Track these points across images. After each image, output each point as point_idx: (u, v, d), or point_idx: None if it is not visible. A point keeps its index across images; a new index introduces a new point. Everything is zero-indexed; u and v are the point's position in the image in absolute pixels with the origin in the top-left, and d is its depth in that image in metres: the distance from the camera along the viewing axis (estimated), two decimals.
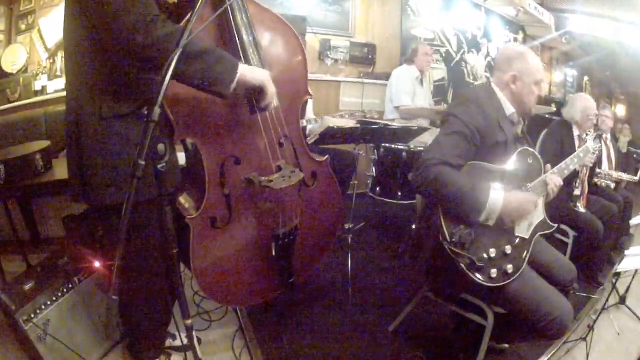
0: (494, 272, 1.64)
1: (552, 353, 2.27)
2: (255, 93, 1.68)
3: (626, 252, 2.41)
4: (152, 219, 1.60)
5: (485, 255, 1.65)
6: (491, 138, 1.75)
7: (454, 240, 1.60)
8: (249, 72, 1.57)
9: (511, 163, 1.78)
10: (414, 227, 3.06)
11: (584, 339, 2.32)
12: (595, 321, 2.36)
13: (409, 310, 2.30)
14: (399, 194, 3.44)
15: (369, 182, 3.65)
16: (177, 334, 2.07)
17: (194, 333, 1.30)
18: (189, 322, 1.28)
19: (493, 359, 2.16)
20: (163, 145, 1.08)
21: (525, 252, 1.76)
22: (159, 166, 1.10)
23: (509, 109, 1.86)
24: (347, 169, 3.04)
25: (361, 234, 3.55)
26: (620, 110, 10.44)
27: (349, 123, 3.04)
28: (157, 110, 1.00)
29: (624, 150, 5.02)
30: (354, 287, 2.69)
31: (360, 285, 2.77)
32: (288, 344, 2.18)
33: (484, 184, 1.65)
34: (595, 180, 3.49)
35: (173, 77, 1.05)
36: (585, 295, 2.96)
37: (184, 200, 1.84)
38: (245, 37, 1.73)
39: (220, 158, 1.80)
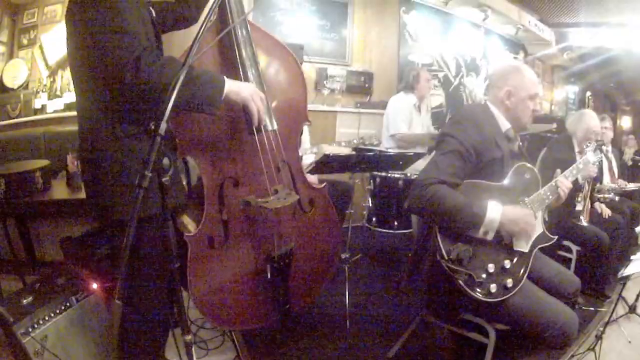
0: (493, 287, 1.65)
1: None
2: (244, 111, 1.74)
3: (632, 257, 2.41)
4: (155, 235, 1.62)
5: (483, 271, 1.66)
6: (487, 155, 1.77)
7: (451, 257, 1.62)
8: (234, 88, 1.62)
9: (508, 179, 1.80)
10: (410, 254, 3.07)
11: (592, 350, 2.29)
12: (603, 331, 2.33)
13: (408, 335, 2.29)
14: (396, 223, 3.46)
15: (364, 212, 3.66)
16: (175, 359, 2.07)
17: (193, 350, 1.31)
18: (188, 337, 1.30)
19: None
20: (168, 159, 1.13)
21: (525, 266, 1.77)
22: (163, 179, 1.13)
23: (505, 125, 1.90)
24: (342, 199, 3.04)
25: (358, 264, 3.56)
26: (626, 121, 10.44)
27: (346, 151, 3.07)
28: (164, 125, 1.05)
29: (630, 163, 5.01)
30: (352, 316, 2.68)
31: (358, 314, 2.77)
32: None
33: (480, 199, 1.68)
34: (599, 196, 3.49)
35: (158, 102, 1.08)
36: (592, 308, 2.94)
37: (185, 219, 1.88)
38: (244, 53, 1.80)
39: (220, 178, 1.86)
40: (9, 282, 2.76)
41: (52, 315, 1.88)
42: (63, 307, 1.93)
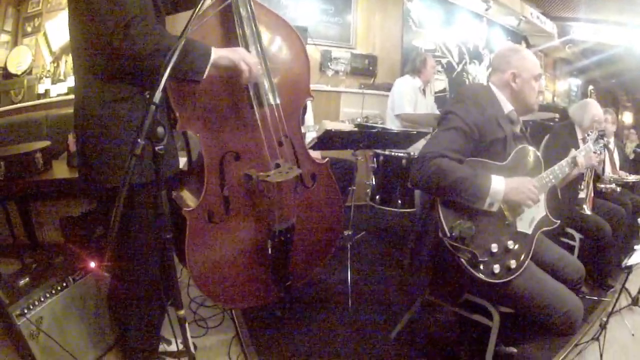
0: (496, 268, 1.59)
1: (563, 356, 2.21)
2: (235, 75, 1.70)
3: (635, 247, 2.35)
4: (148, 203, 1.60)
5: (486, 250, 1.60)
6: (489, 134, 1.72)
7: (453, 234, 1.55)
8: (222, 54, 1.60)
9: (510, 160, 1.75)
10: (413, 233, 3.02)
11: (597, 339, 2.23)
12: (607, 320, 2.27)
13: (411, 316, 2.24)
14: (399, 202, 3.40)
15: (368, 191, 3.61)
16: (172, 339, 2.03)
17: (187, 325, 1.25)
18: (181, 312, 1.24)
19: None
20: (162, 128, 1.10)
21: (528, 248, 1.72)
22: (157, 148, 1.10)
23: (507, 107, 1.85)
24: (345, 176, 3.00)
25: (361, 243, 3.51)
26: (628, 117, 10.38)
27: (348, 127, 3.01)
28: (158, 94, 1.05)
29: (631, 157, 4.97)
30: (354, 294, 2.63)
31: (360, 293, 2.72)
32: (285, 351, 2.12)
33: (484, 171, 1.62)
34: (600, 186, 3.43)
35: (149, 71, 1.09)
36: (595, 298, 2.89)
37: (183, 193, 1.82)
38: (247, 30, 1.77)
39: (220, 152, 1.81)
40: (9, 266, 2.73)
41: (48, 295, 1.83)
42: (59, 288, 1.88)
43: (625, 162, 4.18)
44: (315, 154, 2.30)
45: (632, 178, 3.74)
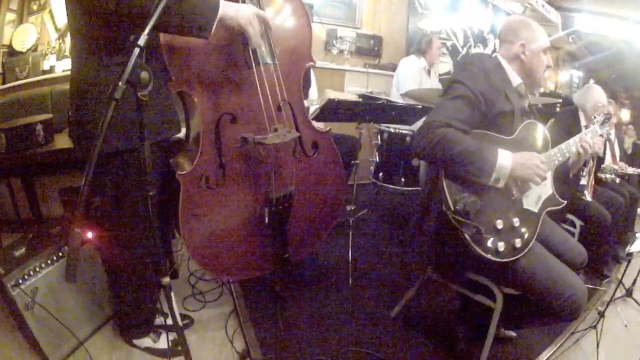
0: (501, 246, 1.50)
1: (560, 343, 2.15)
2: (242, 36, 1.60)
3: (638, 235, 2.27)
4: (136, 168, 1.53)
5: (491, 227, 1.50)
6: (496, 106, 1.62)
7: (457, 208, 1.45)
8: (230, 12, 1.48)
9: (517, 135, 1.66)
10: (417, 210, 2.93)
11: (594, 327, 2.18)
12: (605, 309, 2.23)
13: (411, 295, 2.16)
14: (402, 180, 3.31)
15: (371, 168, 3.52)
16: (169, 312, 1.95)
17: (172, 293, 1.17)
18: (165, 279, 1.15)
19: (499, 348, 2.02)
20: (147, 73, 0.99)
21: (534, 227, 1.63)
22: (139, 93, 1.00)
23: (516, 80, 1.75)
24: (348, 153, 2.90)
25: (363, 220, 3.42)
26: (625, 114, 10.27)
27: (352, 97, 2.91)
28: (144, 37, 0.97)
29: (629, 151, 4.93)
30: (355, 272, 2.55)
31: (361, 270, 2.64)
32: (283, 327, 2.05)
33: (491, 145, 1.52)
34: (600, 175, 3.39)
35: (155, 28, 1.01)
36: (591, 286, 2.82)
37: (180, 159, 1.74)
38: None
39: (216, 114, 1.71)
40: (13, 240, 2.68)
41: (44, 266, 1.76)
42: (55, 258, 1.81)
43: (624, 156, 4.16)
44: (318, 124, 2.19)
45: (631, 170, 3.69)
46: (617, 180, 3.58)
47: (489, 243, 1.49)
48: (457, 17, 5.81)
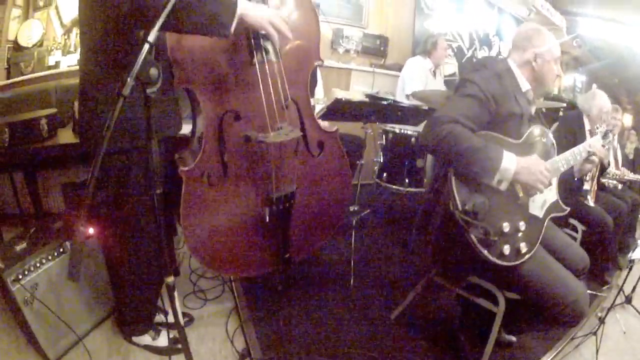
0: (506, 249, 1.48)
1: (560, 348, 2.12)
2: (258, 42, 1.60)
3: (639, 241, 2.25)
4: (142, 166, 1.52)
5: (498, 229, 1.48)
6: (506, 107, 1.61)
7: (466, 208, 1.43)
8: (250, 12, 1.45)
9: (524, 139, 1.65)
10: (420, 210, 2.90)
11: (594, 333, 2.16)
12: (605, 315, 2.22)
13: (413, 297, 2.13)
14: (407, 180, 3.26)
15: (375, 168, 3.48)
16: (170, 310, 1.93)
17: (175, 293, 1.15)
18: (170, 279, 1.13)
19: (500, 353, 2.00)
20: (156, 70, 0.97)
21: (539, 232, 1.61)
22: (148, 90, 0.98)
23: (525, 86, 1.75)
24: (354, 152, 2.87)
25: (366, 220, 3.39)
26: (627, 119, 10.25)
27: (359, 97, 2.87)
28: (154, 33, 0.95)
29: (631, 157, 4.92)
30: (356, 272, 2.52)
31: (362, 271, 2.61)
32: (284, 326, 2.03)
33: (497, 145, 1.50)
34: (603, 180, 3.36)
35: (174, 30, 1.09)
36: (592, 292, 2.80)
37: (184, 155, 1.73)
38: None
39: (220, 111, 1.69)
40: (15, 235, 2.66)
41: (45, 261, 1.74)
42: (56, 253, 1.79)
43: (626, 161, 4.13)
44: (325, 123, 2.17)
45: (632, 176, 3.70)
46: (619, 186, 3.57)
47: (495, 246, 1.47)
48: (463, 19, 5.80)
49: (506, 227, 1.49)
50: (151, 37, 0.94)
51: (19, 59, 3.57)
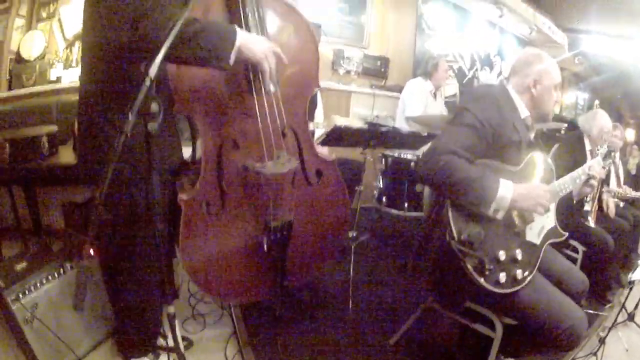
0: (502, 277, 1.51)
1: None
2: (256, 71, 1.62)
3: (639, 262, 2.28)
4: (138, 185, 1.53)
5: (493, 258, 1.52)
6: (504, 136, 1.64)
7: (462, 238, 1.47)
8: (248, 43, 1.49)
9: (523, 166, 1.68)
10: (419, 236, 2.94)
11: (594, 354, 2.18)
12: (606, 335, 2.22)
13: (411, 323, 2.16)
14: (406, 205, 3.30)
15: (375, 192, 3.53)
16: (169, 333, 1.96)
17: (176, 322, 1.18)
18: (171, 308, 1.17)
19: None
20: (157, 104, 1.00)
21: (536, 259, 1.65)
22: (148, 125, 1.00)
23: (524, 112, 1.78)
24: (353, 177, 2.89)
25: (365, 245, 3.39)
26: (630, 134, 10.28)
27: (358, 124, 2.93)
28: (154, 67, 0.97)
29: (634, 172, 4.92)
30: (355, 297, 2.55)
31: (361, 296, 2.64)
32: (282, 351, 2.05)
33: (493, 175, 1.54)
34: (604, 197, 3.37)
35: (174, 62, 1.10)
36: (593, 312, 2.82)
37: (183, 182, 1.76)
38: (250, 16, 1.67)
39: (218, 139, 1.73)
40: (13, 250, 2.68)
41: (45, 281, 1.77)
42: (57, 274, 1.82)
43: (628, 177, 4.14)
44: (324, 150, 2.21)
45: (634, 194, 3.71)
46: (621, 204, 3.57)
47: (490, 274, 1.50)
48: (464, 39, 5.85)
49: (502, 255, 1.52)
50: (152, 72, 0.97)
51: (20, 70, 3.62)
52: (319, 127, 3.00)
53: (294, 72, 1.87)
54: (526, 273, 1.58)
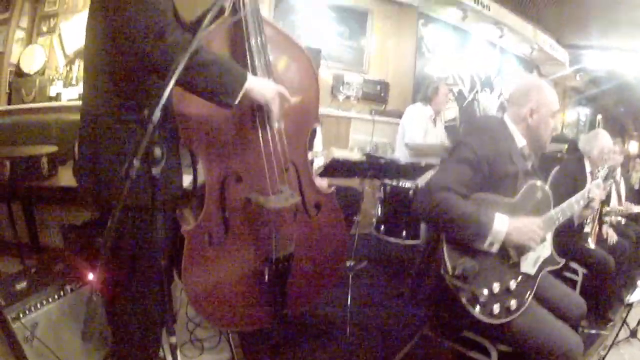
0: (496, 308, 1.55)
1: None
2: (261, 108, 1.67)
3: (638, 283, 2.31)
4: (142, 227, 1.53)
5: (487, 290, 1.56)
6: (501, 168, 1.69)
7: (456, 273, 1.52)
8: (257, 86, 1.54)
9: (520, 197, 1.72)
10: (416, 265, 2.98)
11: None
12: (606, 354, 2.27)
13: (408, 350, 2.20)
14: (404, 233, 3.36)
15: (373, 220, 3.58)
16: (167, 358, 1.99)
17: (178, 352, 1.22)
18: (173, 339, 1.21)
19: None
20: (160, 149, 1.04)
21: (530, 289, 1.68)
22: (153, 170, 1.05)
23: (521, 142, 1.83)
24: (351, 205, 2.93)
25: (363, 272, 3.43)
26: (633, 147, 10.33)
27: (356, 156, 2.98)
28: (157, 113, 0.98)
29: (637, 187, 4.95)
30: (352, 325, 2.58)
31: (358, 323, 2.66)
32: None
33: (488, 209, 1.59)
34: (605, 218, 3.39)
35: (180, 85, 1.03)
36: (594, 332, 2.86)
37: (185, 212, 1.80)
38: (257, 61, 1.72)
39: (222, 172, 1.79)
40: (10, 266, 2.70)
41: (45, 302, 1.82)
42: (57, 296, 1.87)
43: (631, 192, 4.15)
44: (322, 182, 2.28)
45: (636, 209, 3.72)
46: (623, 221, 3.60)
47: (484, 306, 1.54)
48: (464, 61, 5.90)
49: (496, 287, 1.57)
50: (155, 117, 0.98)
51: (20, 84, 3.67)
52: (318, 156, 3.05)
53: (296, 108, 1.92)
54: (520, 303, 1.62)
